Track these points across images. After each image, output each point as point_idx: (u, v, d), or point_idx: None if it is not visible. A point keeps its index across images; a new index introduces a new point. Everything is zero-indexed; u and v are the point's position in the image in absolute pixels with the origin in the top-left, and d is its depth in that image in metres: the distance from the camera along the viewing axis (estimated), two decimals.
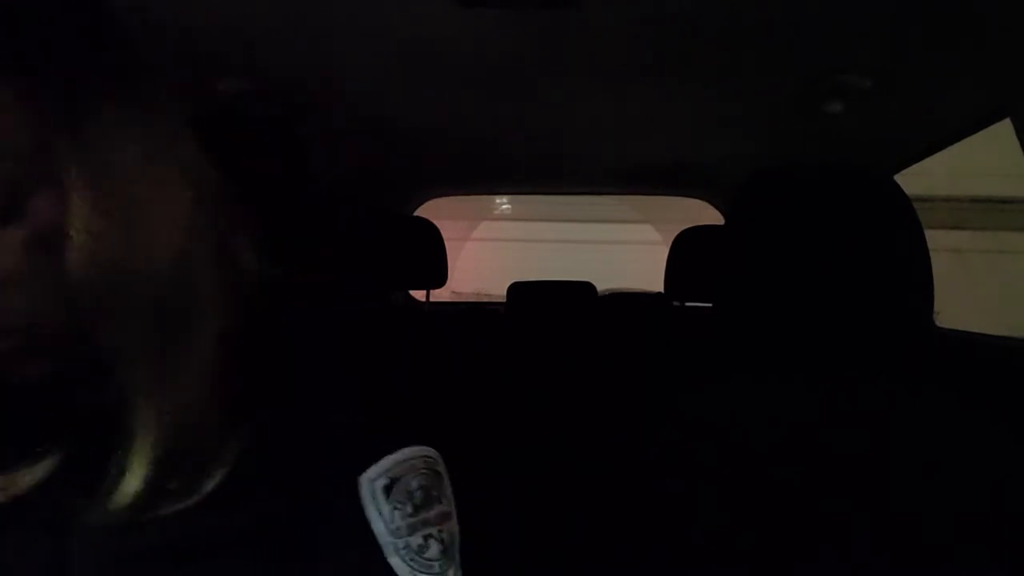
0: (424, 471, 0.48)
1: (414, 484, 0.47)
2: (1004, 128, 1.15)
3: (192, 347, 0.42)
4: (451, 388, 1.55)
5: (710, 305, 1.65)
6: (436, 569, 0.46)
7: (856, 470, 0.72)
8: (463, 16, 0.97)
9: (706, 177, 2.09)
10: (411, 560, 0.45)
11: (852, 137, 1.49)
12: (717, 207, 2.36)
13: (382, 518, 0.45)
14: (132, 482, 0.40)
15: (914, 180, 1.31)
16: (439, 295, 1.93)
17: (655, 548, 0.76)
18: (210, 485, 0.42)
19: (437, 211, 2.42)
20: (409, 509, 0.46)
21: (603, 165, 2.04)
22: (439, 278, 1.73)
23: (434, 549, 0.46)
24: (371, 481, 0.46)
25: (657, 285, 1.89)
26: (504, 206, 8.16)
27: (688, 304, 1.92)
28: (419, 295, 2.32)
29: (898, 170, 1.58)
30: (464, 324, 1.81)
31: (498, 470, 1.61)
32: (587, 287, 2.30)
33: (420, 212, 2.50)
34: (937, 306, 0.77)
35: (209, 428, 0.42)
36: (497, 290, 2.53)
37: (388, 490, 0.46)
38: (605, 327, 2.13)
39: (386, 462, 0.46)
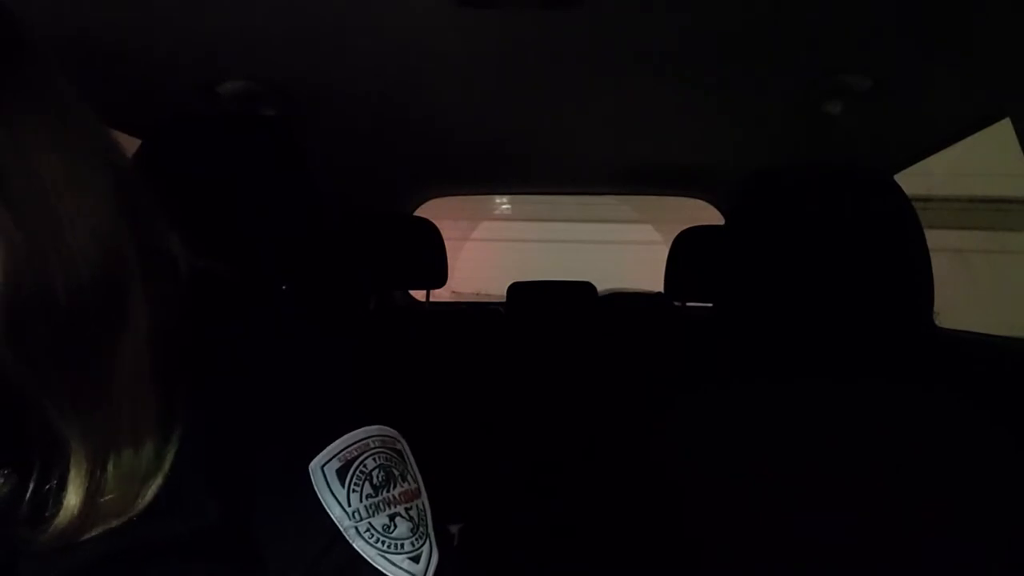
0: (380, 450, 0.46)
1: (371, 464, 0.45)
2: (1004, 128, 1.15)
3: (117, 356, 0.40)
4: (451, 388, 1.55)
5: (710, 305, 1.65)
6: (407, 547, 0.44)
7: (856, 469, 0.72)
8: (462, 16, 0.97)
9: (706, 177, 2.09)
10: (377, 542, 0.43)
11: (852, 137, 1.49)
12: (717, 207, 2.36)
13: (338, 502, 0.43)
14: (71, 502, 0.39)
15: (914, 180, 1.31)
16: (439, 295, 1.93)
17: (656, 546, 0.76)
18: (148, 495, 0.41)
19: (437, 211, 2.42)
20: (368, 490, 0.44)
21: (603, 165, 2.04)
22: (439, 278, 1.73)
23: (402, 527, 0.44)
24: (321, 467, 0.44)
25: (657, 285, 1.89)
26: (504, 206, 8.16)
27: (688, 304, 1.92)
28: (419, 295, 2.32)
29: (898, 170, 1.59)
30: (464, 324, 1.81)
31: (497, 470, 1.62)
32: (587, 287, 2.30)
33: (420, 212, 2.50)
34: (937, 306, 0.77)
35: (143, 436, 0.41)
36: (497, 290, 2.53)
37: (342, 473, 0.44)
38: (605, 327, 2.13)
39: (334, 445, 0.44)
